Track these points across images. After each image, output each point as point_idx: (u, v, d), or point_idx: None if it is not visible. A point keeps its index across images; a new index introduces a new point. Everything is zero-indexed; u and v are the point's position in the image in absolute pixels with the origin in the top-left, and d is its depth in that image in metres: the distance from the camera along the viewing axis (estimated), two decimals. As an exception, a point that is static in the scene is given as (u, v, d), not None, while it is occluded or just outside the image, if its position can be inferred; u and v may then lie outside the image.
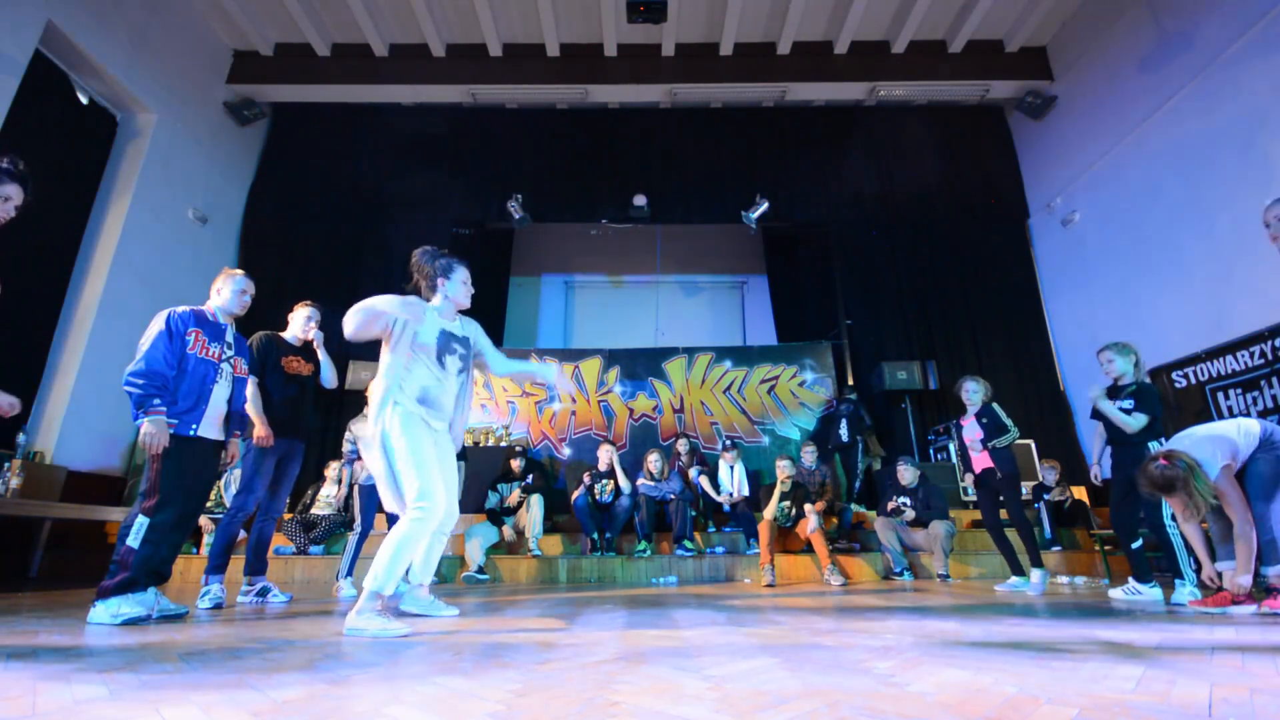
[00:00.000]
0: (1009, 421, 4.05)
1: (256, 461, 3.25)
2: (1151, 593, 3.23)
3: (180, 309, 2.69)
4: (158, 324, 2.59)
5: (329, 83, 7.68)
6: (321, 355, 3.57)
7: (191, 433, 2.59)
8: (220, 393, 2.74)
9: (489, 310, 8.60)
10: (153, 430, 2.44)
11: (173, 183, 6.63)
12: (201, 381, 2.65)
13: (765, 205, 7.64)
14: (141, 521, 2.42)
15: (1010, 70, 7.60)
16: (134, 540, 2.41)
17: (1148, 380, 3.55)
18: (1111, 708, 1.09)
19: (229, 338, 2.85)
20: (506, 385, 7.58)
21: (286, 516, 5.34)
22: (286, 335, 3.55)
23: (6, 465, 4.53)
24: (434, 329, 2.40)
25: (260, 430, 3.23)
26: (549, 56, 7.63)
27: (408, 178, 8.05)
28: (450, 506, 2.39)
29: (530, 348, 8.21)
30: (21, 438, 4.94)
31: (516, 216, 7.68)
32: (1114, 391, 3.58)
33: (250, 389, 3.26)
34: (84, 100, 5.96)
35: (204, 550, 5.03)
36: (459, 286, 2.53)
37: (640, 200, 7.97)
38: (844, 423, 6.49)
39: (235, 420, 2.88)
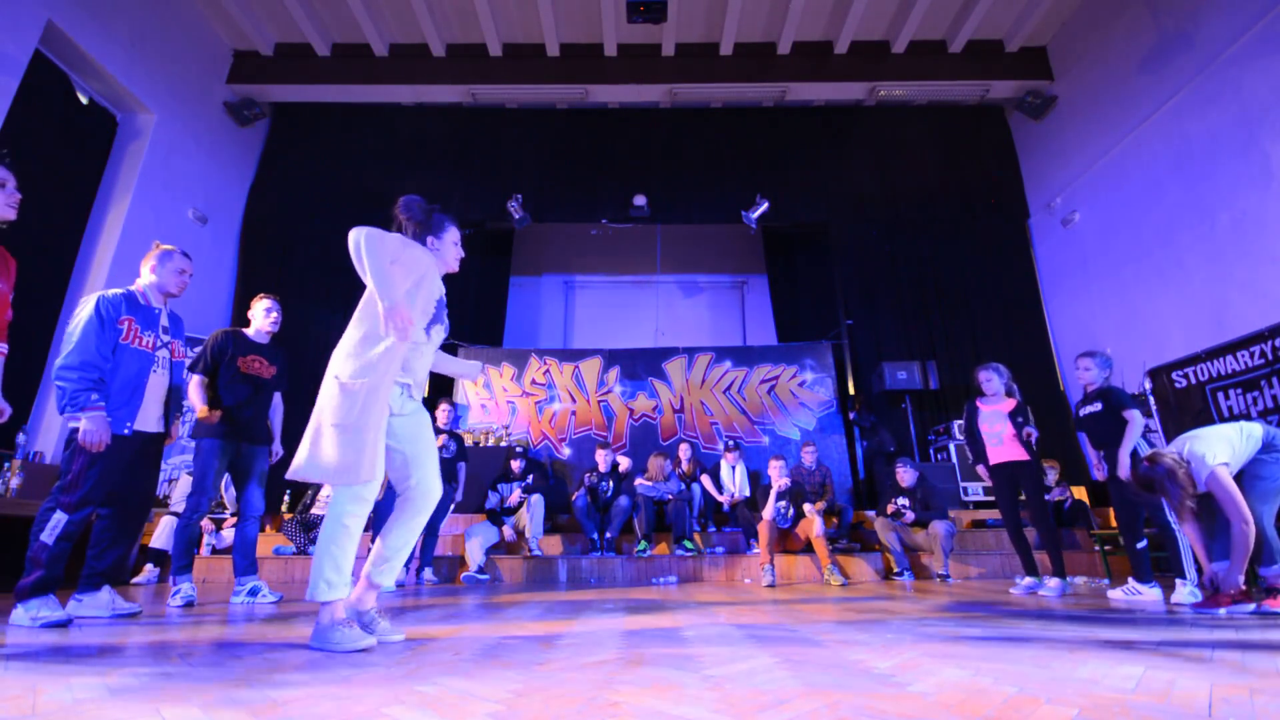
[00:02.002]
0: (1032, 420, 3.85)
1: (206, 462, 3.18)
2: (1151, 593, 3.23)
3: (110, 292, 2.49)
4: (86, 309, 2.40)
5: (329, 83, 7.68)
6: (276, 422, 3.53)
7: (126, 431, 2.45)
8: (157, 383, 2.60)
9: (489, 310, 8.60)
10: (92, 428, 2.28)
11: (173, 183, 6.63)
12: (136, 375, 2.50)
13: (765, 205, 7.64)
14: (60, 518, 2.30)
15: (1010, 70, 7.60)
16: (49, 536, 2.28)
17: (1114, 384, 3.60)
18: (1111, 708, 1.09)
19: (164, 321, 2.68)
20: (507, 386, 7.58)
21: (287, 516, 5.35)
22: (249, 332, 3.44)
23: (6, 465, 4.52)
24: (435, 294, 2.08)
25: (201, 411, 3.14)
26: (549, 56, 7.63)
27: (408, 178, 8.05)
28: (426, 485, 2.03)
29: (530, 348, 8.20)
30: (21, 438, 4.94)
31: (516, 216, 7.68)
32: (1087, 397, 3.64)
33: (194, 387, 3.19)
34: (84, 100, 5.96)
35: (203, 550, 5.03)
36: (450, 248, 2.21)
37: (640, 200, 7.96)
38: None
39: (174, 402, 2.72)
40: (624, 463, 5.57)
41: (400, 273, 1.95)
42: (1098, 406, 3.50)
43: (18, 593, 2.23)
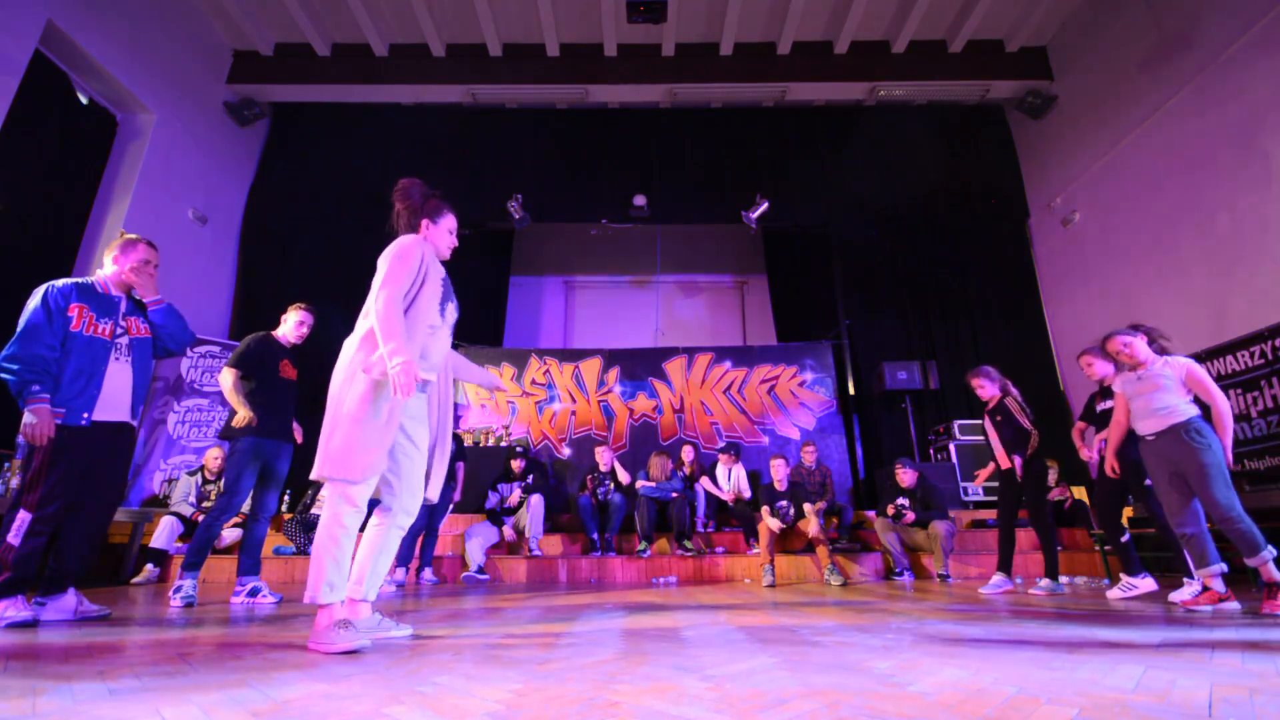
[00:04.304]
0: (1025, 422, 3.79)
1: (241, 465, 3.24)
2: (1146, 583, 3.26)
3: (60, 282, 2.45)
4: (33, 300, 2.37)
5: (329, 83, 7.68)
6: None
7: (84, 421, 2.37)
8: (118, 372, 2.50)
9: (489, 310, 8.60)
10: (34, 420, 2.24)
11: (173, 183, 6.63)
12: (91, 363, 2.41)
13: (765, 205, 7.64)
14: (23, 517, 2.25)
15: (1010, 70, 7.60)
16: (14, 537, 2.24)
17: None
18: (1111, 708, 1.09)
19: (124, 309, 2.59)
20: (507, 386, 7.55)
21: (286, 517, 5.35)
22: (278, 335, 3.57)
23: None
24: (438, 277, 2.10)
25: (243, 412, 3.20)
26: (549, 56, 7.63)
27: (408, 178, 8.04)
28: (406, 485, 2.02)
29: (530, 348, 8.20)
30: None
31: (516, 217, 7.68)
32: (1104, 392, 3.62)
33: (230, 379, 3.27)
34: (84, 100, 5.95)
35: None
36: (444, 235, 2.23)
37: (640, 200, 7.96)
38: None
39: (141, 390, 2.62)
40: (624, 475, 5.53)
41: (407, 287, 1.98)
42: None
43: None
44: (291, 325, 3.58)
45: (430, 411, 2.12)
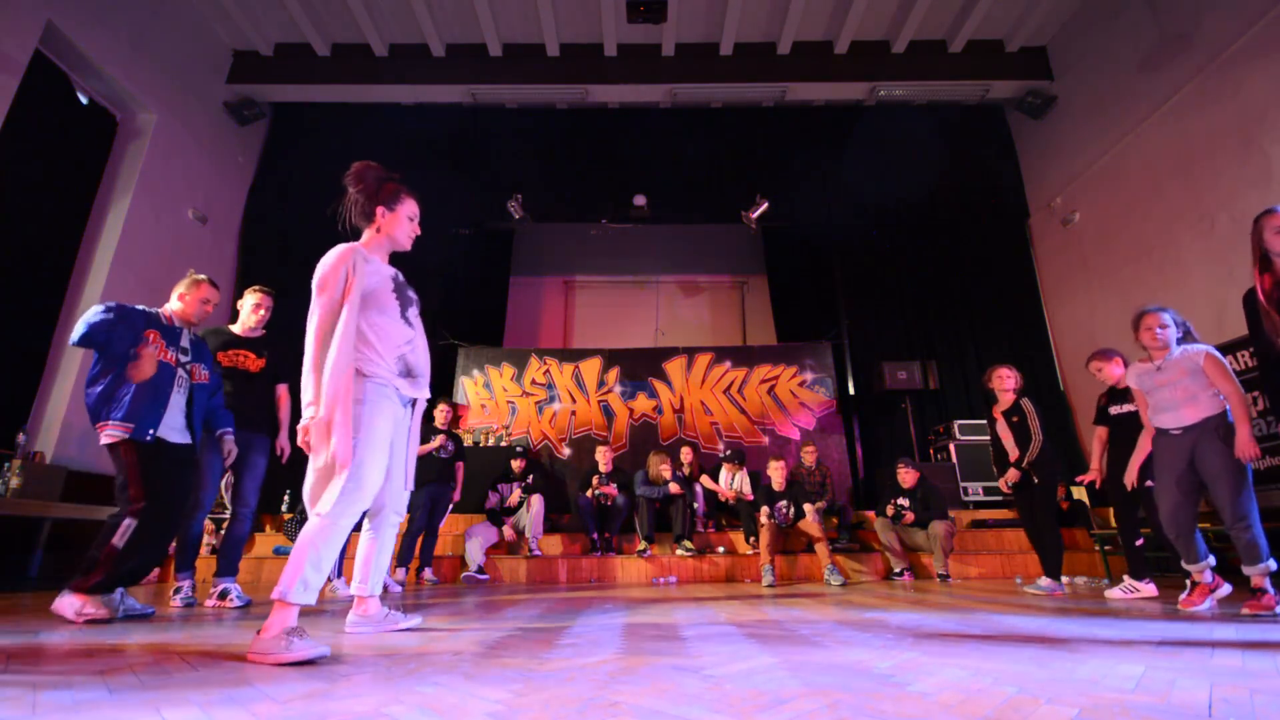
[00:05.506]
0: (1034, 427, 3.74)
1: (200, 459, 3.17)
2: (1148, 588, 3.26)
3: (138, 307, 2.67)
4: (97, 308, 2.56)
5: (329, 83, 7.68)
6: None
7: (148, 438, 2.52)
8: (178, 400, 2.67)
9: (489, 310, 8.60)
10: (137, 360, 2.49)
11: (173, 183, 6.63)
12: (163, 384, 2.60)
13: (765, 205, 7.64)
14: (129, 524, 2.40)
15: (1010, 70, 7.59)
16: (120, 539, 2.38)
17: None
18: (1111, 708, 1.09)
19: (185, 343, 2.78)
20: (507, 385, 7.57)
21: (286, 517, 5.35)
22: (235, 327, 3.39)
23: (6, 465, 4.52)
24: (381, 274, 1.94)
25: None
26: (549, 56, 7.63)
27: (407, 178, 8.00)
28: (393, 489, 1.99)
29: (530, 348, 8.20)
30: (22, 438, 4.94)
31: (517, 217, 7.68)
32: (1116, 395, 3.60)
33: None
34: (84, 100, 5.95)
35: (203, 550, 5.02)
36: (403, 222, 2.00)
37: (640, 200, 7.96)
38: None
39: (219, 419, 2.94)
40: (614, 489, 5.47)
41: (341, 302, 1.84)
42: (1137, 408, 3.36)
43: (74, 586, 2.34)
44: (247, 310, 3.38)
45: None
